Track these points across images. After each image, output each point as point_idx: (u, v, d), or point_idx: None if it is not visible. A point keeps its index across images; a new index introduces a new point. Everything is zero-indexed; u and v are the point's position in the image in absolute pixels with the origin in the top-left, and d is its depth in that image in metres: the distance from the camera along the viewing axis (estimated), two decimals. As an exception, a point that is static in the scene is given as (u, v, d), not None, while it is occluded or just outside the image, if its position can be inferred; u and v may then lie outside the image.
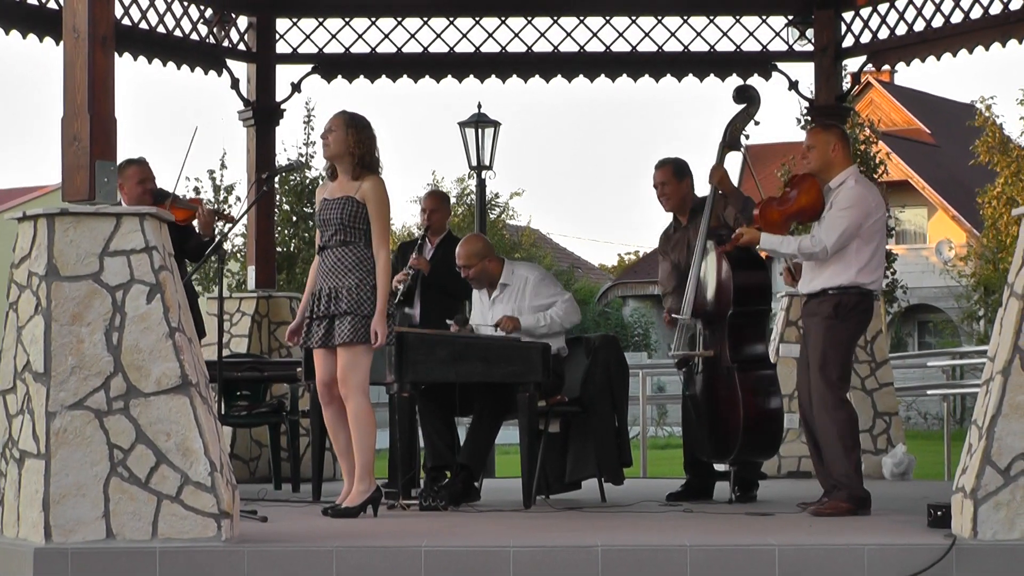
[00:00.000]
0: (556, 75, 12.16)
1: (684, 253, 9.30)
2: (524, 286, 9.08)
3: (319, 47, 11.96)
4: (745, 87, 9.26)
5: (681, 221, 9.40)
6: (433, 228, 10.29)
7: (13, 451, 6.78)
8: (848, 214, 8.00)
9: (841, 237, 7.99)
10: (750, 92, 9.19)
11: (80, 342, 6.64)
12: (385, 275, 7.78)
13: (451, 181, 36.84)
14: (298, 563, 6.45)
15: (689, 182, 9.35)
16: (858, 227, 8.02)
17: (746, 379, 8.75)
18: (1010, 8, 10.67)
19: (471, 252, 9.17)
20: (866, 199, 8.08)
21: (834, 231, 8.00)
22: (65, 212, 6.76)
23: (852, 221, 8.00)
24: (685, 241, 9.32)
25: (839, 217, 8.01)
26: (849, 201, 8.03)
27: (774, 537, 6.74)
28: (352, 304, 7.74)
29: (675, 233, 9.46)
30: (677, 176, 9.32)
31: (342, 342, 7.73)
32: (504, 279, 9.14)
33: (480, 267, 9.13)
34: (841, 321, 8.03)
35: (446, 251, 9.84)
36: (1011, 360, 6.56)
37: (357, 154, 7.87)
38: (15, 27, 10.15)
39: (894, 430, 11.53)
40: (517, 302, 9.06)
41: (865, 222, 8.04)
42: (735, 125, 9.09)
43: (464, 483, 8.69)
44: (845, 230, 7.99)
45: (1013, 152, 29.67)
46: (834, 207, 8.06)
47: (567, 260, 48.06)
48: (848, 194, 8.06)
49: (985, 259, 30.92)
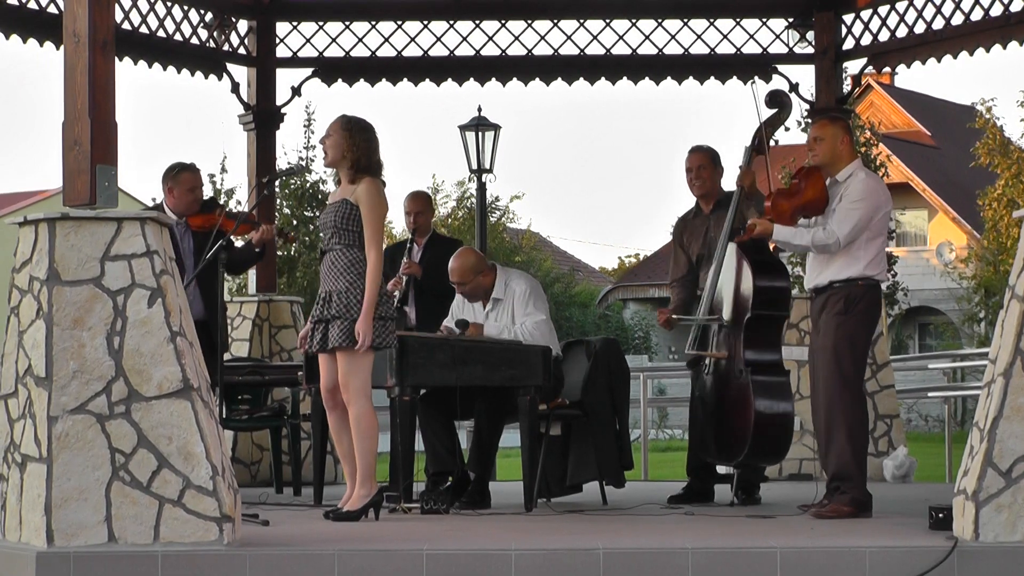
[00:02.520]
0: (556, 78, 12.16)
1: (700, 242, 9.28)
2: (514, 300, 9.07)
3: (319, 51, 11.96)
4: (778, 92, 9.19)
5: (703, 209, 9.38)
6: (419, 230, 10.30)
7: (15, 455, 6.79)
8: (861, 206, 7.99)
9: (854, 230, 7.98)
10: (783, 98, 9.12)
11: (81, 346, 6.64)
12: (373, 277, 7.77)
13: (451, 184, 36.89)
14: (300, 566, 6.45)
15: (721, 172, 9.38)
16: (869, 220, 8.02)
17: (759, 383, 8.68)
18: (1010, 10, 10.67)
19: (465, 268, 9.11)
20: (877, 192, 8.09)
21: (847, 223, 7.98)
22: (66, 216, 6.76)
23: (864, 214, 7.99)
24: (704, 230, 9.30)
25: (852, 209, 7.99)
26: (861, 194, 8.02)
27: (776, 540, 6.75)
28: (341, 308, 7.75)
29: (694, 219, 9.43)
30: (714, 162, 9.33)
31: (333, 346, 7.75)
32: (496, 293, 9.09)
33: (475, 283, 9.11)
34: (851, 315, 8.00)
35: (434, 252, 9.88)
36: (1012, 362, 6.56)
37: (352, 158, 7.87)
38: (15, 31, 10.16)
39: (895, 432, 11.52)
40: (508, 317, 9.06)
41: (875, 215, 8.04)
42: (766, 130, 8.98)
43: (479, 491, 8.76)
44: (858, 223, 7.98)
45: (1013, 154, 29.67)
46: (845, 200, 8.04)
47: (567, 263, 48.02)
48: (860, 187, 8.05)
49: (986, 261, 30.91)
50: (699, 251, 9.27)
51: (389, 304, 7.88)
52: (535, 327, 8.93)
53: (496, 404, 8.81)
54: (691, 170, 9.34)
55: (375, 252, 7.79)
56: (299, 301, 12.28)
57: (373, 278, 7.77)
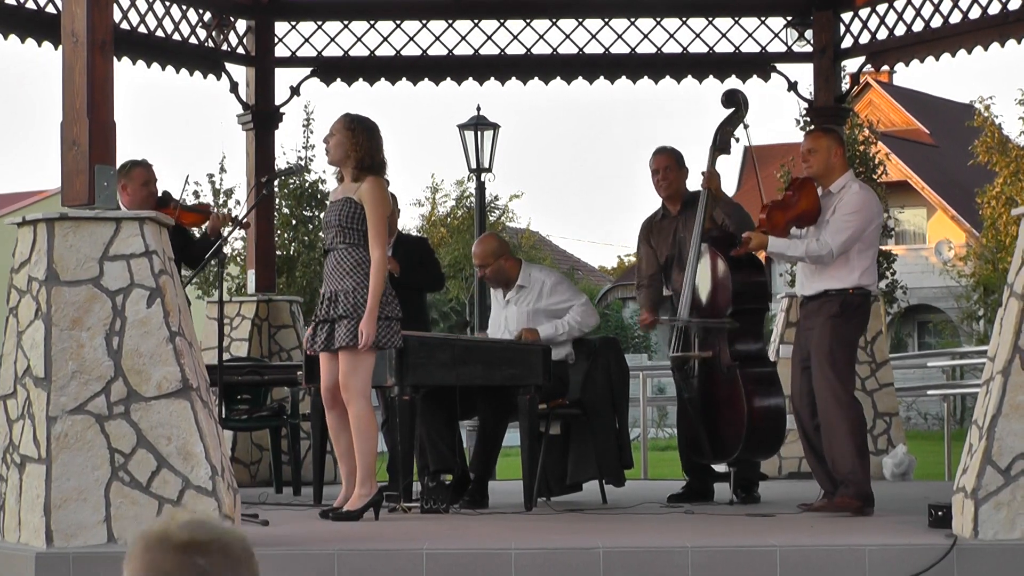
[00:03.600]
0: (555, 77, 12.16)
1: (669, 242, 9.32)
2: (541, 289, 9.14)
3: (318, 50, 11.96)
4: (732, 91, 9.28)
5: (671, 210, 9.41)
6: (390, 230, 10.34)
7: (14, 456, 6.78)
8: (855, 219, 8.08)
9: (847, 241, 8.07)
10: (737, 96, 9.20)
11: (80, 347, 6.64)
12: (377, 276, 7.77)
13: (450, 184, 36.83)
14: (300, 566, 6.45)
15: (686, 173, 9.40)
16: (862, 232, 8.11)
17: (748, 377, 8.77)
18: (1009, 8, 10.66)
19: (487, 251, 9.26)
20: (870, 205, 8.20)
21: (841, 235, 8.06)
22: (65, 217, 6.76)
23: (859, 226, 8.09)
24: (671, 231, 9.33)
25: (846, 221, 8.08)
26: (855, 206, 8.10)
27: (775, 538, 6.75)
28: (349, 308, 7.74)
29: (662, 220, 9.46)
30: (679, 163, 9.37)
31: (340, 346, 7.74)
32: (521, 281, 9.20)
33: (496, 266, 9.19)
34: (847, 320, 8.10)
35: (404, 250, 9.92)
36: (1011, 360, 6.56)
37: (356, 157, 7.86)
38: (14, 31, 10.15)
39: (894, 430, 11.53)
40: (532, 304, 9.10)
41: (868, 227, 8.16)
42: (724, 129, 9.13)
43: (479, 492, 8.78)
44: (852, 234, 8.07)
45: (1012, 152, 29.65)
46: (838, 211, 8.12)
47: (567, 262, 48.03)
48: (854, 199, 8.14)
49: (984, 259, 30.90)
50: (668, 252, 9.30)
51: (394, 304, 7.87)
52: (582, 314, 9.09)
53: (497, 404, 8.82)
54: (657, 172, 9.38)
55: (379, 251, 7.79)
56: (298, 301, 12.28)
57: (377, 277, 7.76)
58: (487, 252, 9.27)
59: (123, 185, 9.49)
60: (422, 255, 10.08)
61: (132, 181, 9.41)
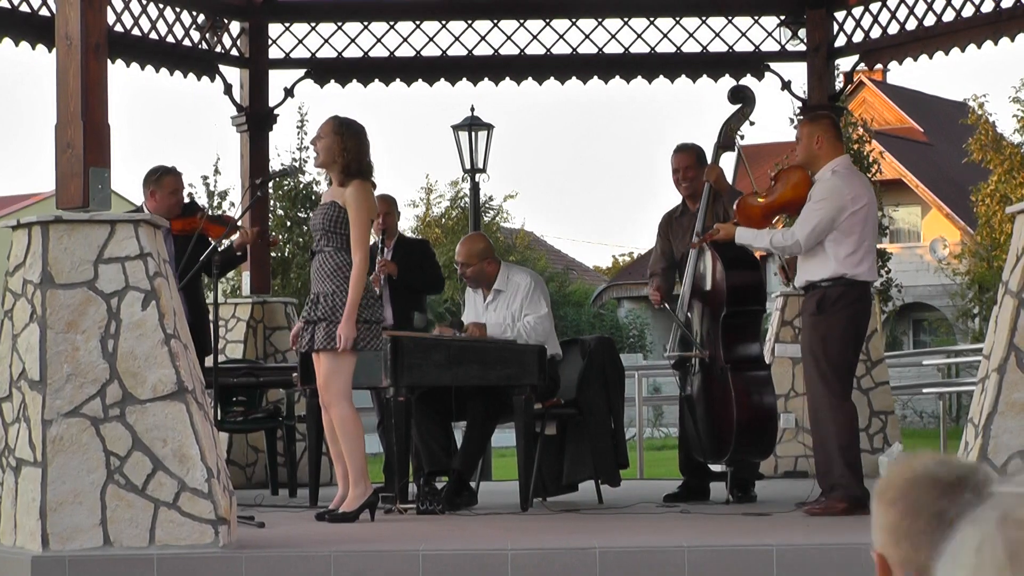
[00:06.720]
0: (549, 77, 12.15)
1: (685, 240, 9.29)
2: (517, 293, 9.10)
3: (312, 52, 11.95)
4: (740, 87, 9.29)
5: (690, 207, 9.39)
6: (388, 231, 10.31)
7: (9, 459, 6.78)
8: (821, 206, 8.00)
9: (814, 231, 7.98)
10: (745, 92, 9.21)
11: (75, 349, 6.63)
12: (356, 280, 7.76)
13: (445, 184, 36.87)
14: (296, 568, 6.45)
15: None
16: (831, 221, 7.99)
17: (739, 379, 8.77)
18: (1002, 6, 10.67)
19: (472, 251, 9.22)
20: (840, 192, 8.03)
21: (806, 224, 8.00)
22: (59, 219, 6.76)
23: (826, 215, 7.98)
24: (690, 227, 9.31)
25: (812, 210, 8.02)
26: (822, 194, 8.03)
27: (772, 537, 6.75)
28: (327, 310, 7.77)
29: (681, 217, 9.42)
30: (700, 161, 9.32)
31: (318, 348, 7.75)
32: (499, 285, 9.14)
33: (478, 268, 9.17)
34: (825, 315, 8.00)
35: (404, 252, 9.91)
36: (1006, 357, 6.57)
37: (342, 162, 7.87)
38: (7, 34, 10.13)
39: (890, 429, 11.53)
40: (509, 308, 9.07)
41: (839, 216, 8.00)
42: (730, 125, 9.12)
43: (457, 487, 8.70)
44: (817, 224, 7.98)
45: (1006, 150, 29.68)
46: (810, 200, 8.07)
47: (562, 262, 48.03)
48: (821, 187, 8.06)
49: (979, 257, 30.94)
50: (684, 249, 9.28)
51: (375, 307, 7.87)
52: (537, 322, 8.96)
53: (491, 404, 8.81)
54: (678, 170, 9.34)
55: (360, 255, 7.78)
56: (293, 302, 12.27)
57: (357, 281, 7.76)
58: (472, 252, 9.23)
59: (152, 191, 9.51)
60: (422, 257, 10.06)
61: (162, 188, 9.42)
